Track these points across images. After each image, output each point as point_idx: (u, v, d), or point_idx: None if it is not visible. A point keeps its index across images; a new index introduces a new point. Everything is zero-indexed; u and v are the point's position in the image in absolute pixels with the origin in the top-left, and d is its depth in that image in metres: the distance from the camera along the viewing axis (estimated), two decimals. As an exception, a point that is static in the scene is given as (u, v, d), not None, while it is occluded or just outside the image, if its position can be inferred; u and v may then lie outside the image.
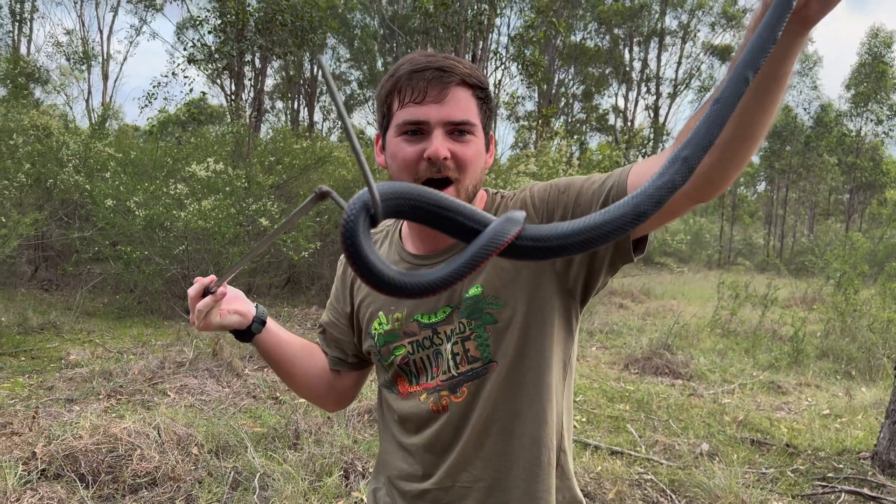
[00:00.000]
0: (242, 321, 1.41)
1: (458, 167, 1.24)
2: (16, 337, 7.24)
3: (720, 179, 1.04)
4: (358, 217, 0.70)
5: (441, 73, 1.22)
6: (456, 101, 1.23)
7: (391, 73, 1.27)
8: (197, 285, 1.34)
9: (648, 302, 13.94)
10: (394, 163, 1.27)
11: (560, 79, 28.67)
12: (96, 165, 11.04)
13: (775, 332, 9.78)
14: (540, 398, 1.32)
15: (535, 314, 1.29)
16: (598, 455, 4.70)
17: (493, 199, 1.39)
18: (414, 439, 1.39)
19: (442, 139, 1.22)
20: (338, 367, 1.57)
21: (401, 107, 1.24)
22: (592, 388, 6.59)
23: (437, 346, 1.34)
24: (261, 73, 14.79)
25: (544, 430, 1.33)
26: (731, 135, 0.96)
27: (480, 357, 1.30)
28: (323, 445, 4.32)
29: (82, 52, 23.24)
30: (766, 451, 4.95)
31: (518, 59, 12.88)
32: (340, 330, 1.55)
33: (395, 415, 1.43)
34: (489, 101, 1.31)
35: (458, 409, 1.33)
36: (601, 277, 1.29)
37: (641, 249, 1.24)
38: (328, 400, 1.60)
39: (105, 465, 3.88)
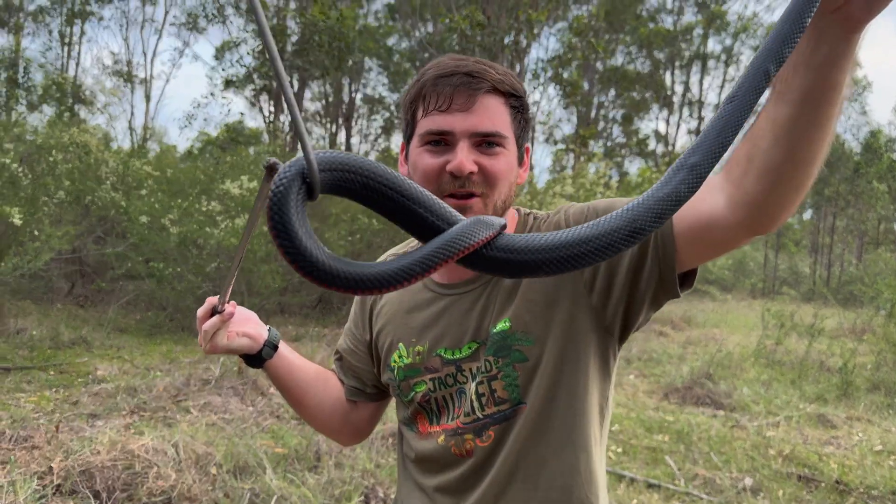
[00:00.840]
0: (252, 345, 1.29)
1: (485, 181, 1.11)
2: (47, 351, 7.27)
3: (777, 208, 0.89)
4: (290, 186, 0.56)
5: (469, 78, 1.10)
6: (485, 109, 1.11)
7: (417, 78, 1.16)
8: (205, 304, 1.23)
9: (689, 330, 13.53)
10: (415, 174, 1.15)
11: (599, 102, 28.51)
12: (133, 183, 11.20)
13: (823, 363, 9.34)
14: (573, 445, 1.17)
15: (569, 352, 1.15)
16: (634, 488, 4.45)
17: (525, 219, 1.26)
18: (432, 482, 1.26)
19: (467, 151, 1.10)
20: (355, 398, 1.44)
21: (425, 115, 1.13)
22: (629, 418, 6.32)
23: (461, 385, 1.21)
24: (298, 95, 14.93)
25: (576, 481, 1.17)
26: (783, 157, 0.83)
27: (508, 398, 1.17)
28: (344, 469, 4.16)
29: (126, 74, 23.90)
30: (814, 488, 4.63)
31: (556, 80, 12.76)
32: (359, 358, 1.42)
33: (413, 454, 1.30)
34: (525, 110, 1.18)
35: (483, 453, 1.19)
36: (643, 313, 1.14)
37: (690, 283, 1.09)
38: (343, 433, 1.47)
39: (121, 482, 3.78)
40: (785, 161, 0.83)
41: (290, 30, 12.08)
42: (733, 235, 0.95)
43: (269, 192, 0.56)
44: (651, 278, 1.07)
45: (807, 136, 0.81)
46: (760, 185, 0.86)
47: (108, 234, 11.11)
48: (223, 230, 8.90)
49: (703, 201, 0.96)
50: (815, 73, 0.76)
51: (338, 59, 11.88)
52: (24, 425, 4.62)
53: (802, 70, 0.77)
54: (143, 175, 11.39)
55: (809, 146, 0.82)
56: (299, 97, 15.52)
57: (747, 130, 0.88)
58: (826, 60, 0.75)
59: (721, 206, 0.93)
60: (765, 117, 0.84)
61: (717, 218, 0.94)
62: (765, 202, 0.88)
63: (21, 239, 8.18)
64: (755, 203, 0.88)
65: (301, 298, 10.43)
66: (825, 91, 0.77)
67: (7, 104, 14.80)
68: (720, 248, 1.00)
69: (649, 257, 1.06)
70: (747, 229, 0.93)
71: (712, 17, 28.02)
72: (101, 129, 19.18)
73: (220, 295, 1.19)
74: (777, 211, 0.89)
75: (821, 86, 0.77)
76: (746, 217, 0.90)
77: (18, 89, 15.26)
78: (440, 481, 1.24)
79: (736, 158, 0.90)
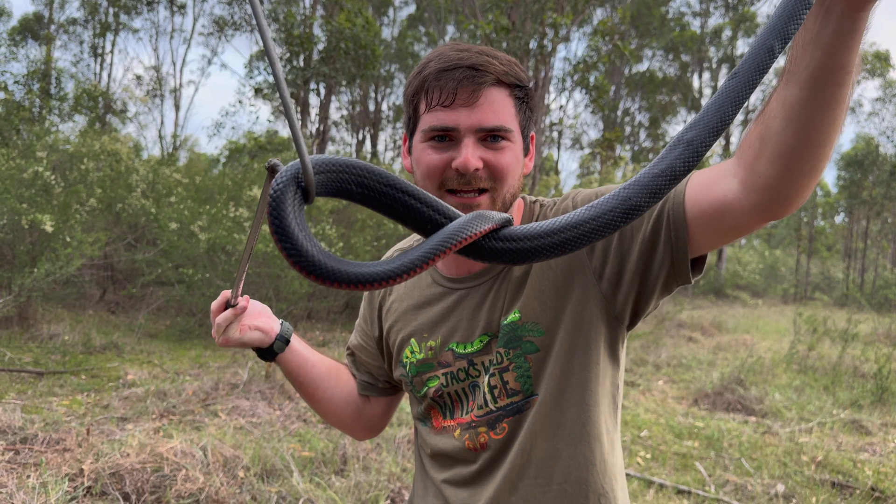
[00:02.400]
0: (264, 339, 1.29)
1: (492, 176, 1.10)
2: (79, 356, 7.38)
3: (790, 191, 0.87)
4: (286, 190, 0.58)
5: (473, 72, 1.08)
6: (489, 103, 1.09)
7: (419, 70, 1.14)
8: (219, 298, 1.24)
9: (720, 336, 13.33)
10: (418, 169, 1.15)
11: (626, 107, 28.31)
12: (163, 190, 11.36)
13: (857, 369, 9.14)
14: (586, 436, 1.15)
15: (579, 342, 1.14)
16: (664, 494, 4.38)
17: (532, 207, 1.25)
18: (446, 476, 1.25)
19: (473, 148, 1.08)
20: (367, 392, 1.44)
21: (428, 110, 1.11)
22: (658, 424, 6.24)
23: (474, 379, 1.20)
24: (325, 103, 15.06)
25: (591, 473, 1.15)
26: (795, 139, 0.82)
27: (521, 390, 1.16)
28: (370, 472, 4.16)
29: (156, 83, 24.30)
30: (848, 495, 4.52)
31: (581, 84, 12.70)
32: (369, 354, 1.43)
33: (428, 449, 1.29)
34: (529, 99, 1.16)
35: (498, 446, 1.18)
36: (653, 300, 1.12)
37: (700, 269, 1.08)
38: (356, 427, 1.47)
39: (150, 484, 3.82)
40: (797, 143, 0.82)
41: (316, 37, 12.18)
42: (747, 220, 0.94)
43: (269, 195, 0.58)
44: (663, 265, 1.06)
45: (818, 117, 0.80)
46: (774, 169, 0.85)
47: (138, 241, 11.28)
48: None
49: (717, 187, 0.95)
50: (822, 52, 0.75)
51: (363, 67, 11.95)
52: (56, 428, 4.69)
53: (810, 49, 0.76)
54: (173, 183, 11.55)
55: (821, 127, 0.81)
56: (326, 105, 15.63)
57: (759, 113, 0.87)
58: (833, 39, 0.74)
59: (734, 191, 0.92)
60: (776, 99, 0.83)
61: (730, 203, 0.93)
62: (778, 185, 0.87)
63: (54, 246, 8.33)
64: (768, 187, 0.87)
65: (328, 304, 10.48)
66: (834, 71, 0.76)
67: (40, 114, 15.11)
68: (734, 233, 0.98)
69: (661, 244, 1.04)
70: (761, 214, 0.92)
71: (741, 19, 27.71)
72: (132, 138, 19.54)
73: (232, 289, 1.20)
74: (791, 194, 0.88)
75: (829, 65, 0.76)
76: (760, 201, 0.89)
77: (51, 100, 15.58)
78: (454, 476, 1.24)
79: (748, 141, 0.89)
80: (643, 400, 7.30)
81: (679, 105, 29.12)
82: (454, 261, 1.24)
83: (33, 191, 8.78)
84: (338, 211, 11.03)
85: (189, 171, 13.83)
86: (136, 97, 24.06)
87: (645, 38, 27.23)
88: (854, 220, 36.87)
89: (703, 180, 1.00)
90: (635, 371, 8.96)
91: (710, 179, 0.98)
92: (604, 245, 1.12)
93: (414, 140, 1.16)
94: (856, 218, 36.38)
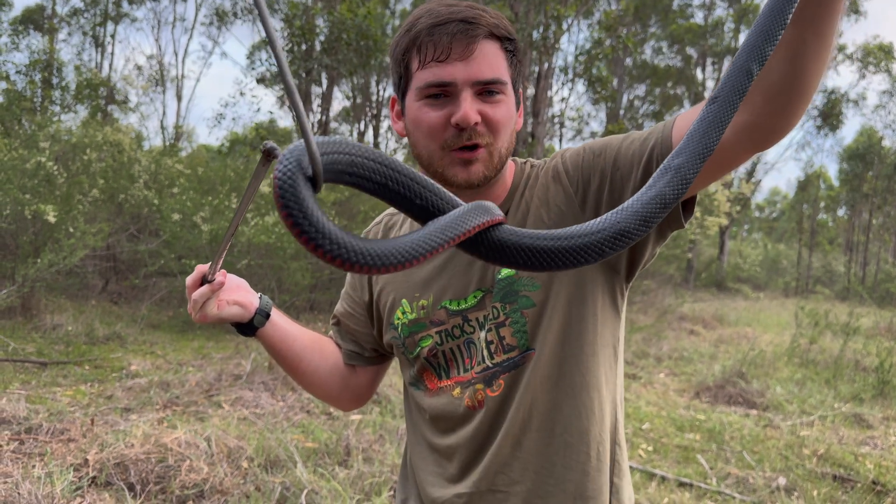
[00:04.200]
0: (243, 314, 1.26)
1: (489, 131, 1.10)
2: (82, 346, 7.40)
3: (784, 125, 0.91)
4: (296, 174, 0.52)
5: (466, 25, 1.06)
6: (484, 56, 1.07)
7: (407, 28, 1.11)
8: (195, 273, 1.20)
9: (721, 329, 13.34)
10: (416, 130, 1.13)
11: (629, 99, 28.23)
12: (166, 181, 11.36)
13: (858, 363, 9.15)
14: (586, 388, 1.16)
15: (576, 295, 1.14)
16: (665, 486, 4.40)
17: (523, 168, 1.24)
18: (448, 440, 1.24)
19: (471, 101, 1.07)
20: (353, 362, 1.42)
21: (421, 66, 1.09)
22: (660, 416, 6.26)
23: (469, 335, 1.20)
24: (327, 94, 15.03)
25: (592, 423, 1.16)
26: (794, 76, 0.85)
27: (517, 345, 1.15)
28: (373, 463, 4.18)
29: (158, 74, 24.25)
30: (850, 489, 4.54)
31: (584, 76, 12.66)
32: (357, 321, 1.40)
33: (426, 414, 1.28)
34: (518, 53, 1.15)
35: (495, 404, 1.18)
36: (648, 249, 1.13)
37: (690, 211, 1.08)
38: (342, 399, 1.45)
39: (154, 475, 3.84)
40: (796, 79, 0.85)
41: (318, 28, 12.14)
42: (738, 155, 0.96)
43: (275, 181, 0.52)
44: None
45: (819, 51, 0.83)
46: (770, 105, 0.87)
47: (140, 232, 11.28)
48: (253, 228, 8.98)
49: None
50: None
51: (365, 57, 11.92)
52: (60, 418, 4.71)
53: None
54: (175, 173, 11.55)
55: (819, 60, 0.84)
56: (328, 96, 15.60)
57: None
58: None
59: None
60: None
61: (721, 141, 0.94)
62: (771, 121, 0.89)
63: (57, 236, 8.33)
64: (761, 123, 0.90)
65: (331, 295, 10.49)
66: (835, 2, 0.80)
67: (42, 105, 15.10)
68: (724, 169, 1.00)
69: None
70: (753, 147, 0.94)
71: (743, 12, 27.58)
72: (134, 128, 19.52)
73: (210, 264, 1.16)
74: (783, 126, 0.91)
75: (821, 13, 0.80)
76: (752, 136, 0.92)
77: (53, 90, 15.56)
78: (456, 439, 1.23)
79: None
80: (645, 393, 7.32)
81: (684, 97, 29.01)
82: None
83: (36, 181, 8.78)
84: (340, 203, 11.02)
85: (191, 162, 13.82)
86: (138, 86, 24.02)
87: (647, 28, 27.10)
88: (856, 213, 36.85)
89: (687, 122, 1.00)
90: (637, 364, 8.97)
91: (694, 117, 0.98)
92: (595, 196, 1.12)
93: (407, 100, 1.14)
94: (858, 211, 36.35)
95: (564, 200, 1.16)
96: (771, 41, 0.66)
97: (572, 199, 1.15)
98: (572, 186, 1.15)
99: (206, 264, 1.21)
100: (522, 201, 1.20)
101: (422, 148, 1.13)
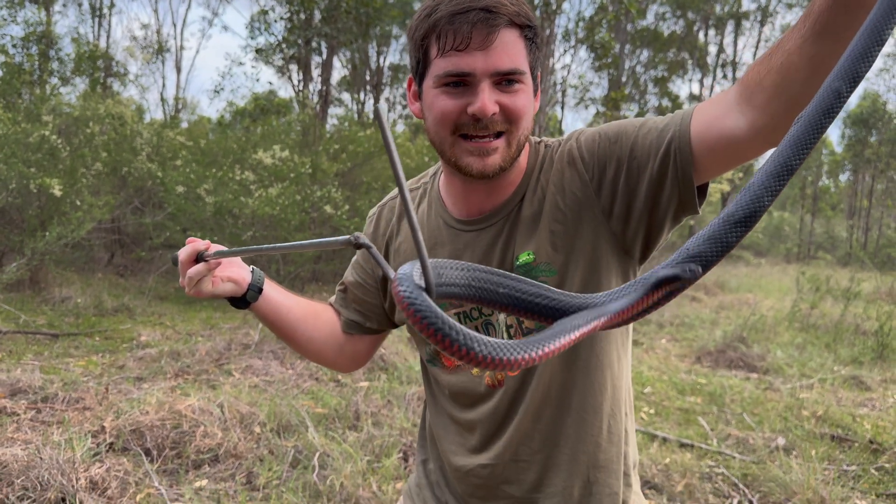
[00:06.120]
0: (237, 289, 1.29)
1: (507, 119, 1.11)
2: (91, 318, 7.50)
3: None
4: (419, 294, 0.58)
5: (487, 14, 1.06)
6: (503, 46, 1.08)
7: (427, 13, 1.11)
8: (189, 248, 1.22)
9: (722, 295, 13.44)
10: (430, 115, 1.15)
11: (632, 65, 27.96)
12: (168, 154, 11.37)
13: (858, 327, 9.25)
14: (599, 367, 1.22)
15: (591, 279, 1.18)
16: (667, 447, 4.51)
17: (537, 148, 1.27)
18: (470, 414, 1.30)
19: (489, 92, 1.08)
20: (351, 331, 1.46)
21: (440, 54, 1.09)
22: (662, 381, 6.36)
23: (487, 317, 1.24)
24: (327, 63, 14.93)
25: (605, 399, 1.24)
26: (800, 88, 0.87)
27: (535, 328, 1.20)
28: (382, 427, 4.28)
29: (157, 45, 24.05)
30: (847, 448, 4.65)
31: (587, 42, 12.56)
32: (367, 291, 1.44)
33: (446, 390, 1.34)
34: (537, 37, 1.16)
35: (514, 382, 1.24)
36: (664, 233, 1.17)
37: (703, 197, 1.12)
38: (338, 363, 1.50)
39: (170, 440, 3.94)
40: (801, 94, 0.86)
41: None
42: (753, 151, 1.00)
43: (405, 304, 0.57)
44: (671, 201, 1.09)
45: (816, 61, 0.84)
46: (790, 112, 0.89)
47: (145, 205, 11.33)
48: (257, 199, 9.02)
49: (722, 123, 0.99)
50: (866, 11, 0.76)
51: (365, 26, 11.84)
52: (74, 388, 4.81)
53: (855, 9, 0.79)
54: (177, 146, 11.55)
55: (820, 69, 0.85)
56: (328, 65, 15.48)
57: (773, 61, 0.90)
58: None
59: (742, 128, 0.97)
60: (799, 54, 0.86)
61: (737, 138, 0.98)
62: (786, 123, 0.90)
63: (63, 209, 8.39)
64: (779, 125, 0.92)
65: (334, 266, 10.57)
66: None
67: (41, 78, 15.01)
68: (738, 161, 1.04)
69: (668, 182, 1.08)
70: (767, 146, 0.97)
71: (747, -25, 27.21)
72: (134, 100, 19.44)
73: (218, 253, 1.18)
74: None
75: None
76: (768, 137, 0.95)
77: (51, 62, 15.47)
78: (477, 413, 1.28)
79: (760, 86, 0.93)
80: (647, 358, 7.42)
81: (687, 63, 28.73)
82: (465, 202, 1.26)
83: (40, 155, 8.81)
84: (343, 174, 11.04)
85: (192, 134, 13.80)
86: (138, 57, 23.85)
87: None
88: (859, 178, 36.74)
89: (706, 117, 1.03)
90: (639, 330, 9.07)
91: (713, 116, 1.01)
92: (611, 184, 1.14)
93: (424, 86, 1.15)
94: (861, 176, 36.24)
95: (580, 187, 1.17)
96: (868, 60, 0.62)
97: (588, 185, 1.17)
98: (588, 173, 1.17)
99: (196, 240, 1.23)
100: (538, 187, 1.21)
101: (433, 134, 1.16)
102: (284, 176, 9.76)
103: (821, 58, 0.84)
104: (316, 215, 9.89)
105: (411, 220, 0.56)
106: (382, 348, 5.81)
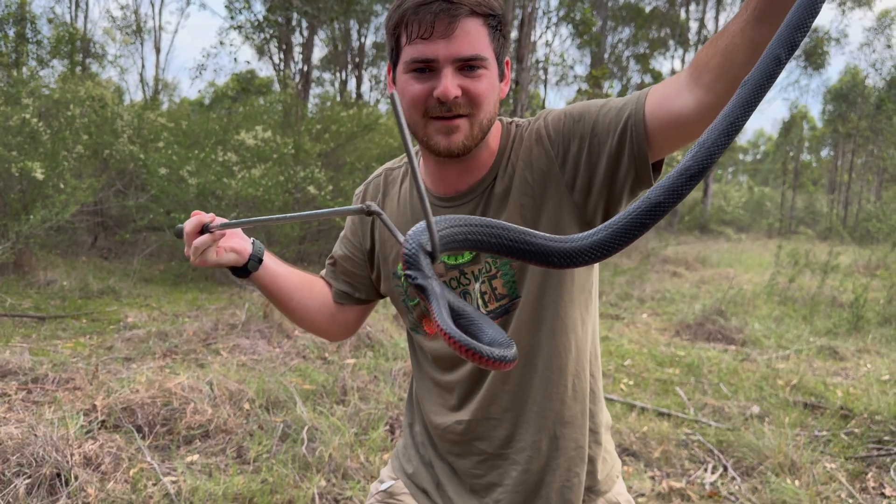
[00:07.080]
0: (238, 259, 1.39)
1: (470, 103, 1.21)
2: (77, 301, 7.53)
3: None
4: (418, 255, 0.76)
5: (448, 5, 1.17)
6: (465, 34, 1.18)
7: (398, 3, 1.22)
8: (194, 220, 1.30)
9: (703, 270, 13.64)
10: (403, 99, 1.25)
11: (613, 42, 27.98)
12: (150, 136, 11.31)
13: (835, 300, 9.46)
14: (564, 330, 1.33)
15: None
16: (645, 416, 4.66)
17: (508, 129, 1.36)
18: (450, 377, 1.42)
19: (451, 77, 1.18)
20: (342, 301, 1.57)
21: (408, 42, 1.20)
22: (641, 353, 6.51)
23: (465, 287, 1.35)
24: (308, 42, 14.86)
25: (569, 360, 1.35)
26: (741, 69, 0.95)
27: (507, 294, 1.32)
28: (369, 402, 4.39)
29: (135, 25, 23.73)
30: (819, 415, 4.82)
31: (567, 19, 12.58)
32: (355, 264, 1.54)
33: (429, 355, 1.45)
34: (502, 26, 1.26)
35: None
36: (622, 205, 1.26)
37: (658, 171, 1.22)
38: (330, 331, 1.61)
39: (160, 417, 4.02)
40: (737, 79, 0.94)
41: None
42: (700, 128, 1.08)
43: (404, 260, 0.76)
44: (628, 175, 1.19)
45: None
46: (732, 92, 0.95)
47: (127, 188, 11.29)
48: (240, 181, 9.03)
49: (673, 102, 1.09)
50: None
51: (346, 4, 11.78)
52: (64, 368, 4.86)
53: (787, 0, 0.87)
54: (158, 128, 11.49)
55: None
56: (309, 44, 15.40)
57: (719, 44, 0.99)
58: None
59: (690, 107, 1.06)
60: (741, 37, 0.95)
61: (686, 116, 1.07)
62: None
63: (46, 192, 8.36)
64: (722, 104, 0.98)
65: (319, 247, 10.62)
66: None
67: (18, 60, 14.82)
68: (686, 140, 1.13)
69: (625, 157, 1.17)
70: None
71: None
72: (113, 82, 19.23)
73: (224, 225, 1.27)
74: None
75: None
76: (712, 115, 1.03)
77: (29, 44, 15.26)
78: (457, 375, 1.41)
79: (707, 67, 1.02)
80: (627, 332, 7.58)
81: (668, 39, 28.78)
82: (442, 180, 1.36)
83: (20, 138, 8.75)
84: (326, 154, 11.05)
85: (173, 116, 13.72)
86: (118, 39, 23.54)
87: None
88: (839, 153, 37.08)
89: (658, 97, 1.12)
90: (620, 305, 9.23)
91: (665, 96, 1.11)
92: (574, 160, 1.24)
93: (398, 71, 1.25)
94: (841, 151, 36.57)
95: (546, 163, 1.28)
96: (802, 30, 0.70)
97: (553, 161, 1.27)
98: (553, 149, 1.27)
99: (201, 213, 1.31)
100: (509, 165, 1.31)
101: (408, 117, 1.25)
102: (267, 157, 9.77)
103: (759, 41, 0.92)
104: (300, 196, 9.92)
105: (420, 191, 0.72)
106: (368, 326, 5.91)
